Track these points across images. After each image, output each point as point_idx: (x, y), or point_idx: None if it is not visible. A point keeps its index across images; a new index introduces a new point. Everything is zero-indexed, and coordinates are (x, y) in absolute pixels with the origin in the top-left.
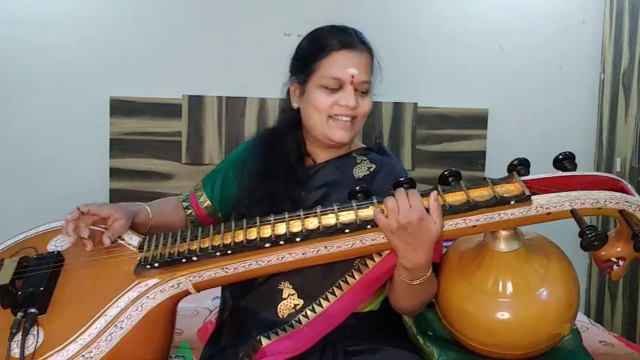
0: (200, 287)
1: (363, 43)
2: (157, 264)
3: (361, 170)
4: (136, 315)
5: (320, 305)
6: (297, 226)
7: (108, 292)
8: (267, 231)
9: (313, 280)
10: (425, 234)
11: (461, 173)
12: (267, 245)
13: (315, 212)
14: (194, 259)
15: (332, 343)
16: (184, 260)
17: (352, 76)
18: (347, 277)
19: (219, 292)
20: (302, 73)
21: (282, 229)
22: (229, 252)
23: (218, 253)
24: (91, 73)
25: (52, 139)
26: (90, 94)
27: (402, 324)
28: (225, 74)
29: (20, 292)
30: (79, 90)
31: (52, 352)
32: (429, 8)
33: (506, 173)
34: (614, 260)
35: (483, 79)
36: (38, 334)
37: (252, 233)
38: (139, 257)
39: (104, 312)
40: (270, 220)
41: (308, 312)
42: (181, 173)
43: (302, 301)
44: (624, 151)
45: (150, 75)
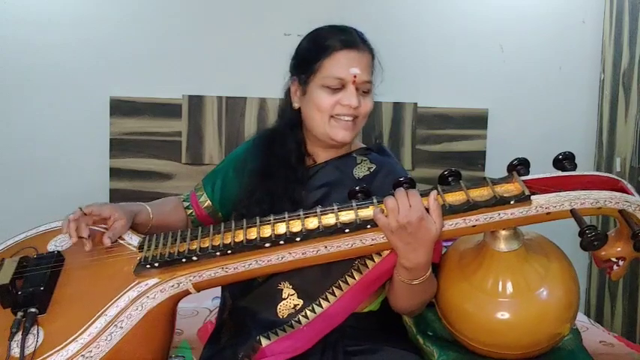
0: (200, 287)
1: (365, 42)
2: (157, 264)
3: (361, 170)
4: (136, 315)
5: (320, 305)
6: (297, 225)
7: (108, 291)
8: (267, 231)
9: (313, 280)
10: (425, 234)
11: (461, 173)
12: (267, 245)
13: (315, 212)
14: (194, 258)
15: (332, 343)
16: (184, 260)
17: (355, 76)
18: (347, 277)
19: (219, 292)
20: (303, 73)
21: (282, 228)
22: (229, 252)
23: (218, 253)
24: (91, 73)
25: (52, 139)
26: (90, 94)
27: (402, 324)
28: (225, 74)
29: (20, 292)
30: (79, 90)
31: (52, 352)
32: (429, 8)
33: (506, 173)
34: (614, 260)
35: (483, 79)
36: (38, 333)
37: (252, 233)
38: (138, 257)
39: (104, 312)
40: (270, 219)
41: (308, 312)
42: (181, 173)
43: (302, 302)
44: (624, 151)
45: (150, 75)
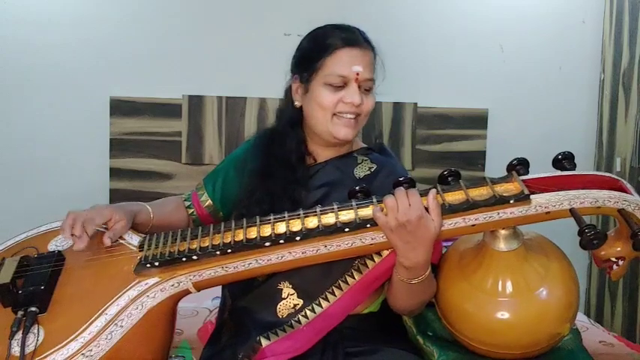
0: (200, 286)
1: (367, 41)
2: (157, 263)
3: (362, 170)
4: (136, 314)
5: (320, 305)
6: (297, 225)
7: (108, 291)
8: (267, 230)
9: (313, 280)
10: (424, 232)
11: (460, 173)
12: (267, 244)
13: (315, 211)
14: (194, 258)
15: (332, 344)
16: (184, 259)
17: (357, 74)
18: (347, 277)
19: (219, 292)
20: (305, 71)
21: (282, 228)
22: (229, 251)
23: (218, 252)
24: (91, 73)
25: (52, 139)
26: (90, 94)
27: (402, 324)
28: (225, 74)
29: (21, 291)
30: (79, 90)
31: (52, 350)
32: (429, 8)
33: (506, 173)
34: (614, 260)
35: (483, 79)
36: (39, 332)
37: (252, 232)
38: (139, 256)
39: (104, 311)
40: (270, 219)
41: (308, 312)
42: (181, 173)
43: (302, 301)
44: (624, 151)
45: (150, 75)
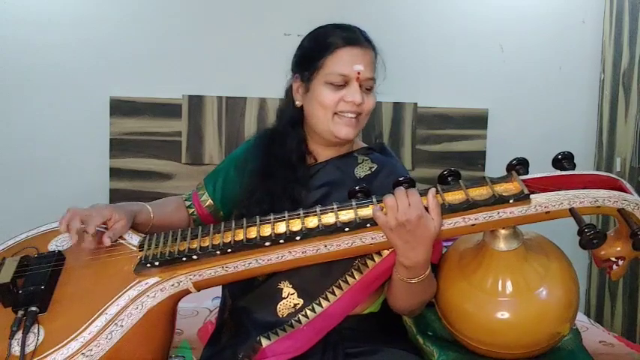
0: (200, 286)
1: (368, 40)
2: (157, 262)
3: (363, 170)
4: (137, 313)
5: (320, 305)
6: (297, 224)
7: (108, 290)
8: (267, 230)
9: (313, 279)
10: (423, 231)
11: (460, 173)
12: (267, 244)
13: (315, 211)
14: (194, 257)
15: (332, 344)
16: (184, 259)
17: (358, 73)
18: (347, 276)
19: (220, 292)
20: (306, 70)
21: (282, 227)
22: (229, 251)
23: (218, 252)
24: (91, 73)
25: (52, 139)
26: (90, 94)
27: (402, 325)
28: (225, 74)
29: (21, 291)
30: (79, 90)
31: (52, 350)
32: (429, 8)
33: (506, 173)
34: (614, 260)
35: (483, 79)
36: (39, 332)
37: (252, 232)
38: (139, 256)
39: (104, 310)
40: (270, 219)
41: (308, 312)
42: (181, 173)
43: (302, 301)
44: (624, 151)
45: (150, 75)
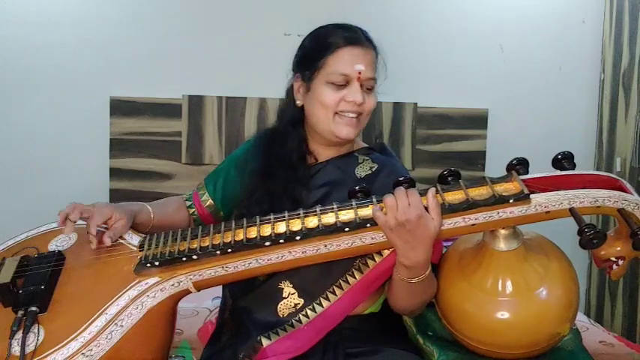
0: (200, 286)
1: (369, 40)
2: (157, 262)
3: (363, 170)
4: (137, 313)
5: (320, 305)
6: (297, 224)
7: (108, 290)
8: (267, 230)
9: (314, 279)
10: (423, 231)
11: (460, 173)
12: (267, 244)
13: (315, 211)
14: (194, 257)
15: (332, 344)
16: (185, 259)
17: (359, 72)
18: (347, 276)
19: (220, 291)
20: (307, 69)
21: (282, 227)
22: (229, 250)
23: (218, 252)
24: (91, 73)
25: (52, 139)
26: (90, 94)
27: (402, 325)
28: (225, 74)
29: (21, 291)
30: (79, 90)
31: (52, 350)
32: (429, 8)
33: (506, 173)
34: (614, 260)
35: (483, 79)
36: (39, 332)
37: (253, 232)
38: (139, 256)
39: (105, 310)
40: (270, 218)
41: (308, 311)
42: (181, 173)
43: (302, 301)
44: (624, 151)
45: (150, 75)
